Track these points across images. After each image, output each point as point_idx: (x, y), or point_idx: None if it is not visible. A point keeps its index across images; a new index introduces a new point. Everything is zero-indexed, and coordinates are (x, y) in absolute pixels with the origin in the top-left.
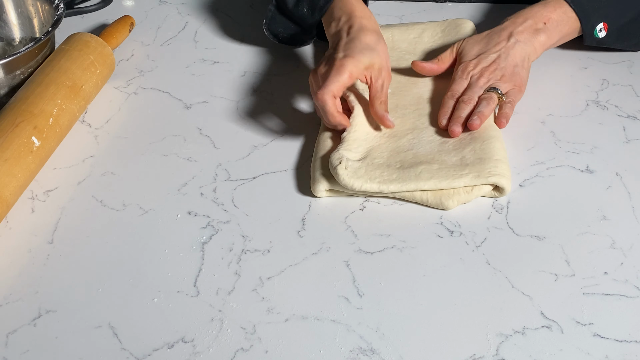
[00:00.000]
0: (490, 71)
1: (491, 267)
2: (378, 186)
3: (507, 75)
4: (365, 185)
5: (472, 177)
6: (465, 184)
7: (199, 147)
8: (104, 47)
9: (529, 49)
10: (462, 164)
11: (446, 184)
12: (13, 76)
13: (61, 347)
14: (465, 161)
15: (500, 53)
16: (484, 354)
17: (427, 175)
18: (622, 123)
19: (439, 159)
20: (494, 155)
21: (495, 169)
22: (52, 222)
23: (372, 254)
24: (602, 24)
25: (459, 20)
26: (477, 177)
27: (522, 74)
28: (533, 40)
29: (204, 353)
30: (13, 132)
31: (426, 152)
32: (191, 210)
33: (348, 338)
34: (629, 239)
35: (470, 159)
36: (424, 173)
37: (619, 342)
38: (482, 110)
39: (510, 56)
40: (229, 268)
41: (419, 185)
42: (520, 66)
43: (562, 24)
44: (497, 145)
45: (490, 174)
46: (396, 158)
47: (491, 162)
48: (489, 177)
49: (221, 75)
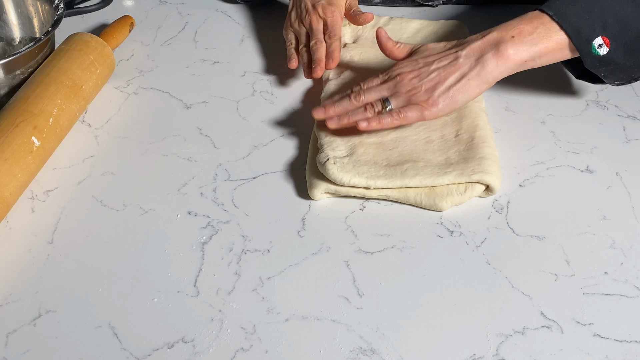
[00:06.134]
0: (407, 78)
1: (491, 267)
2: (366, 181)
3: (420, 90)
4: (353, 179)
5: (455, 174)
6: (449, 182)
7: (199, 147)
8: (104, 47)
9: (475, 69)
10: (446, 163)
11: (431, 181)
12: (13, 76)
13: (61, 347)
14: (450, 160)
15: (434, 65)
16: (484, 354)
17: (412, 173)
18: (622, 123)
19: (424, 157)
20: (477, 154)
21: (478, 167)
22: (52, 222)
23: (372, 254)
24: (601, 38)
25: (452, 22)
26: (461, 174)
27: (441, 94)
28: (487, 57)
29: (204, 353)
30: (13, 132)
31: (411, 151)
32: (191, 210)
33: (348, 338)
34: (629, 239)
35: (455, 158)
36: (410, 170)
37: (619, 342)
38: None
39: (442, 71)
40: (229, 268)
41: (404, 182)
42: (447, 86)
43: (542, 38)
44: (482, 146)
45: (474, 172)
46: (382, 156)
47: (474, 160)
48: (472, 174)
49: (221, 75)
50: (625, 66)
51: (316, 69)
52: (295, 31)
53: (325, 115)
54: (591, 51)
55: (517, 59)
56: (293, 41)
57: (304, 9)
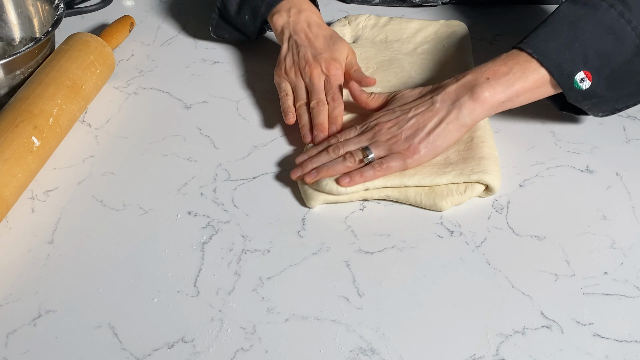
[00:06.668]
0: (386, 127)
1: (491, 267)
2: (364, 184)
3: (400, 138)
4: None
5: (455, 174)
6: (448, 181)
7: (199, 147)
8: (104, 47)
9: (452, 112)
10: (446, 163)
11: (429, 181)
12: (13, 76)
13: (61, 347)
14: (449, 160)
15: (411, 112)
16: (484, 354)
17: (411, 172)
18: (622, 123)
19: None
20: (477, 154)
21: (478, 167)
22: (52, 222)
23: (372, 254)
24: (583, 72)
25: (452, 22)
26: (460, 174)
27: (422, 141)
28: (463, 100)
29: (204, 353)
30: (13, 132)
31: None
32: (191, 210)
33: (348, 338)
34: (629, 239)
35: (454, 158)
36: (409, 169)
37: (619, 342)
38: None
39: (420, 117)
40: (229, 268)
41: (403, 182)
42: (426, 131)
43: (517, 79)
44: (482, 145)
45: (473, 172)
46: None
47: (474, 160)
48: (471, 174)
49: (221, 75)
50: (607, 98)
51: (319, 137)
52: (291, 81)
53: (302, 173)
54: (573, 86)
55: (493, 101)
56: (289, 92)
57: (304, 58)
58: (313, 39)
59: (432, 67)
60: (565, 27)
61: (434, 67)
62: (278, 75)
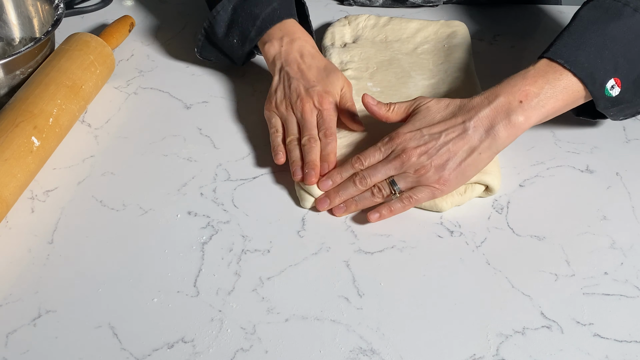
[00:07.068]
0: (414, 155)
1: (491, 267)
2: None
3: (429, 169)
4: None
5: None
6: None
7: (199, 147)
8: (104, 47)
9: (486, 141)
10: None
11: None
12: (13, 76)
13: (61, 347)
14: None
15: (441, 139)
16: (484, 354)
17: None
18: (622, 123)
19: None
20: None
21: None
22: (52, 222)
23: (372, 254)
24: (613, 79)
25: (452, 22)
26: None
27: (452, 171)
28: (498, 128)
29: (204, 353)
30: (13, 132)
31: None
32: (191, 210)
33: (348, 338)
34: (629, 239)
35: None
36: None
37: (619, 342)
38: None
39: (452, 146)
40: (229, 268)
41: None
42: (457, 162)
43: (550, 96)
44: None
45: None
46: None
47: None
48: None
49: (221, 75)
50: (634, 103)
51: (310, 176)
52: (282, 116)
53: (331, 206)
54: (604, 94)
55: (527, 126)
56: (279, 128)
57: (295, 91)
58: (306, 71)
59: (432, 67)
60: (592, 34)
61: (434, 67)
62: (268, 110)
